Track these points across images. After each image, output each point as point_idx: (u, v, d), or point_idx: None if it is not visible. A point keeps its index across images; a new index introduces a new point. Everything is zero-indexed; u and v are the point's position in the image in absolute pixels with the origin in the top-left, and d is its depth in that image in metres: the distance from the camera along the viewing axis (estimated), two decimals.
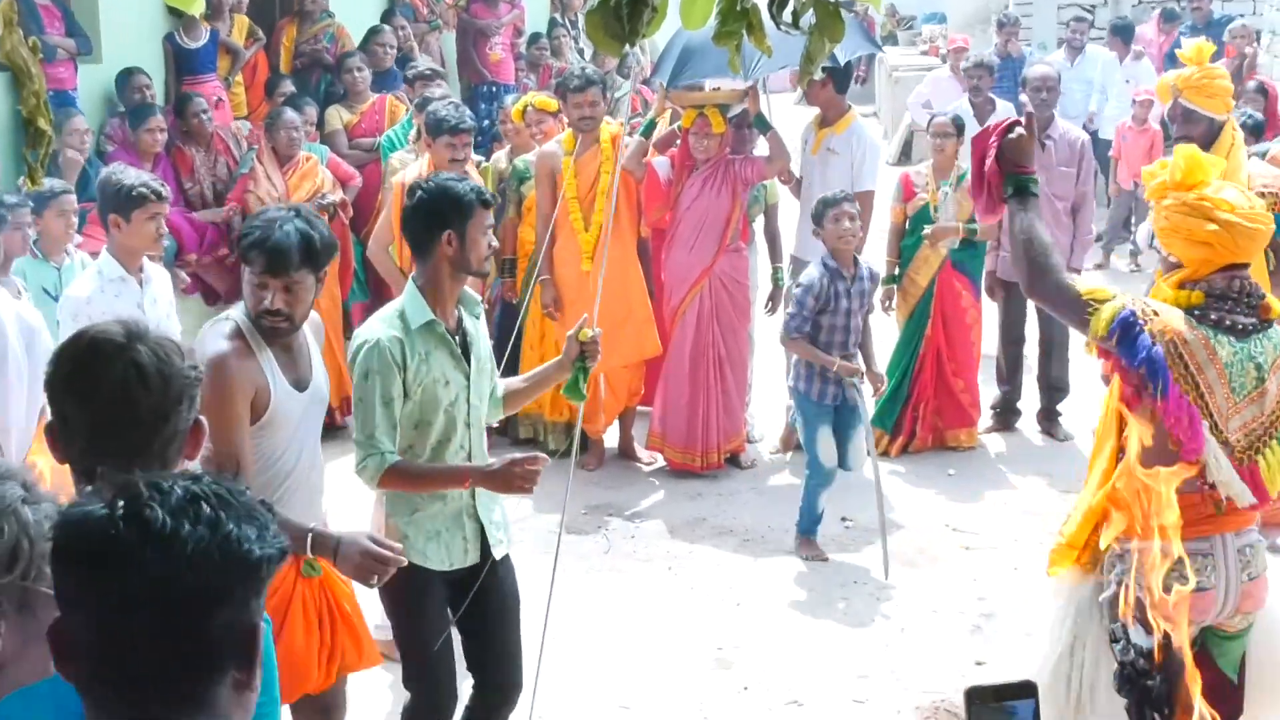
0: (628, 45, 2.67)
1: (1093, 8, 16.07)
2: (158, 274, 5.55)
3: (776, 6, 2.70)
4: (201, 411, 3.48)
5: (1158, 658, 2.05)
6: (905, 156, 15.33)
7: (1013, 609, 5.79)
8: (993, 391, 8.04)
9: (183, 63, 9.09)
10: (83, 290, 5.24)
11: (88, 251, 6.40)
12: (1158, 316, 3.42)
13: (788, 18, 2.72)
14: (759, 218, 7.70)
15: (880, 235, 7.92)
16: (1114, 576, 3.47)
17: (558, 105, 7.70)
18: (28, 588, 2.06)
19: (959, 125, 7.56)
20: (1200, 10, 13.42)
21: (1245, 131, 6.65)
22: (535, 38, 12.50)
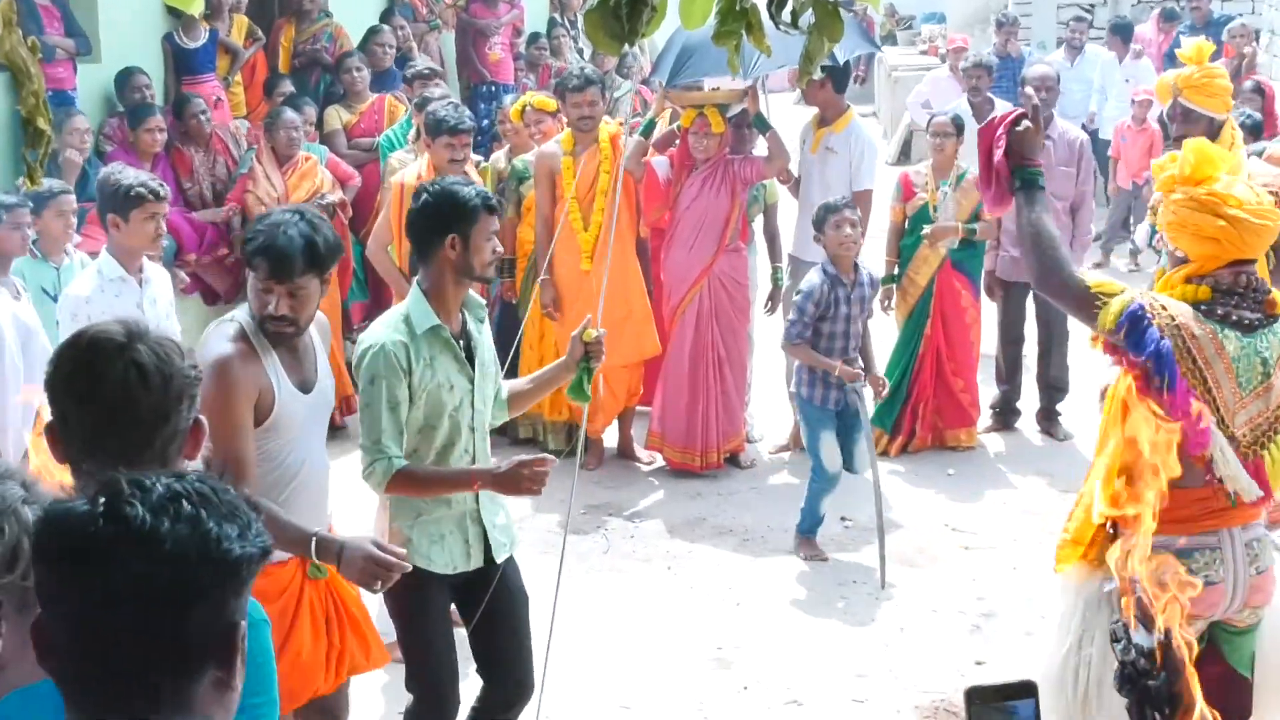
0: (627, 45, 2.67)
1: (1092, 7, 16.06)
2: (157, 274, 5.55)
3: (775, 6, 2.70)
4: (204, 414, 3.48)
5: (1159, 657, 2.05)
6: (904, 156, 15.32)
7: (1012, 608, 5.80)
8: (992, 391, 8.04)
9: (182, 63, 9.08)
10: (82, 290, 5.25)
11: (87, 251, 6.40)
12: (1166, 310, 3.41)
13: (787, 17, 2.72)
14: (758, 217, 7.70)
15: (879, 235, 7.92)
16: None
17: (556, 105, 7.69)
18: (28, 588, 2.05)
19: (958, 125, 7.56)
20: (1199, 10, 13.41)
21: (1244, 131, 6.65)
22: (534, 37, 12.49)
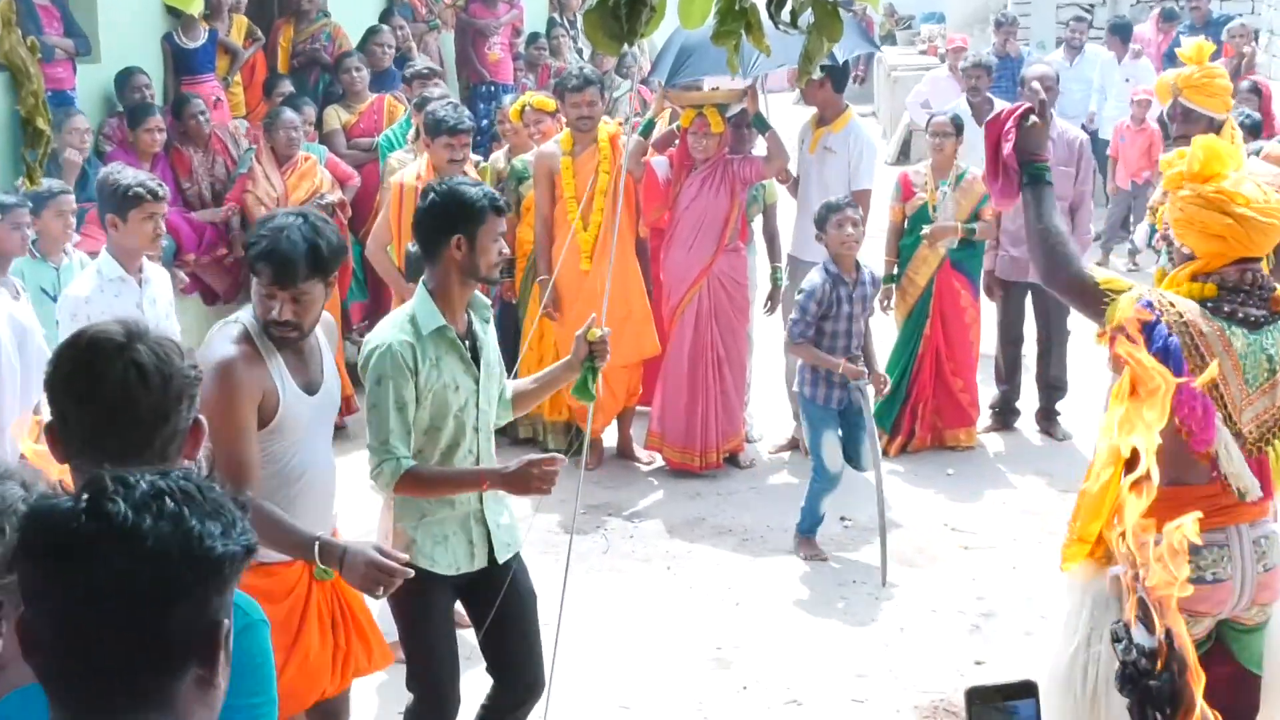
0: (626, 45, 2.67)
1: (1091, 7, 16.05)
2: (157, 274, 5.55)
3: (775, 6, 2.70)
4: (207, 416, 3.47)
5: (1160, 657, 2.04)
6: (904, 156, 15.32)
7: (1012, 608, 5.80)
8: (991, 391, 8.04)
9: (181, 63, 9.07)
10: (82, 290, 5.25)
11: (86, 251, 6.40)
12: (1174, 307, 3.41)
13: (786, 17, 2.72)
14: (757, 217, 7.70)
15: (879, 235, 7.92)
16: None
17: (556, 105, 7.70)
18: None
19: (958, 125, 7.56)
20: (1199, 10, 13.42)
21: (1243, 130, 6.64)
22: (534, 38, 12.49)
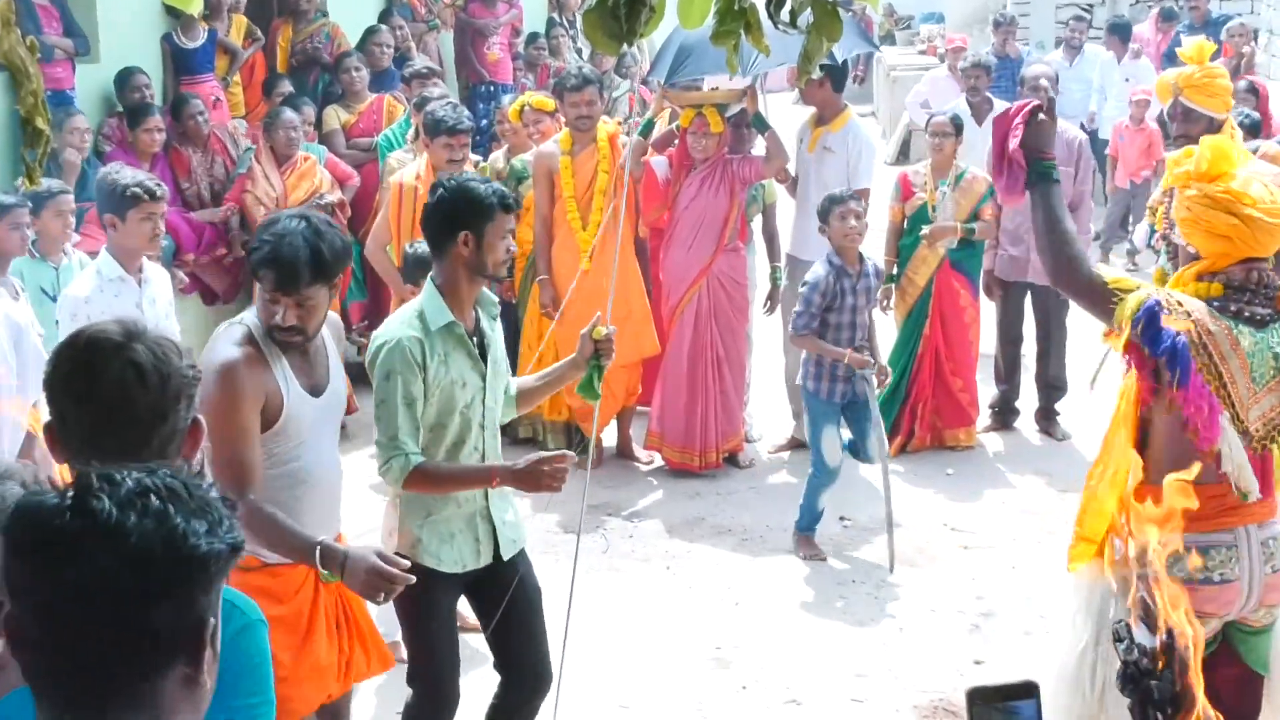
0: (625, 45, 2.67)
1: (1090, 7, 16.05)
2: (157, 274, 5.55)
3: (774, 6, 2.70)
4: (209, 419, 3.45)
5: (1161, 657, 2.04)
6: (903, 156, 15.32)
7: (1011, 608, 5.80)
8: (991, 391, 8.04)
9: (180, 63, 9.07)
10: (82, 290, 5.25)
11: (85, 251, 6.40)
12: (1181, 307, 3.42)
13: (785, 17, 2.72)
14: (757, 217, 7.70)
15: (878, 234, 7.92)
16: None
17: (555, 105, 7.69)
18: None
19: (957, 125, 7.56)
20: (1198, 9, 13.42)
21: (1242, 130, 6.64)
22: (533, 37, 12.49)
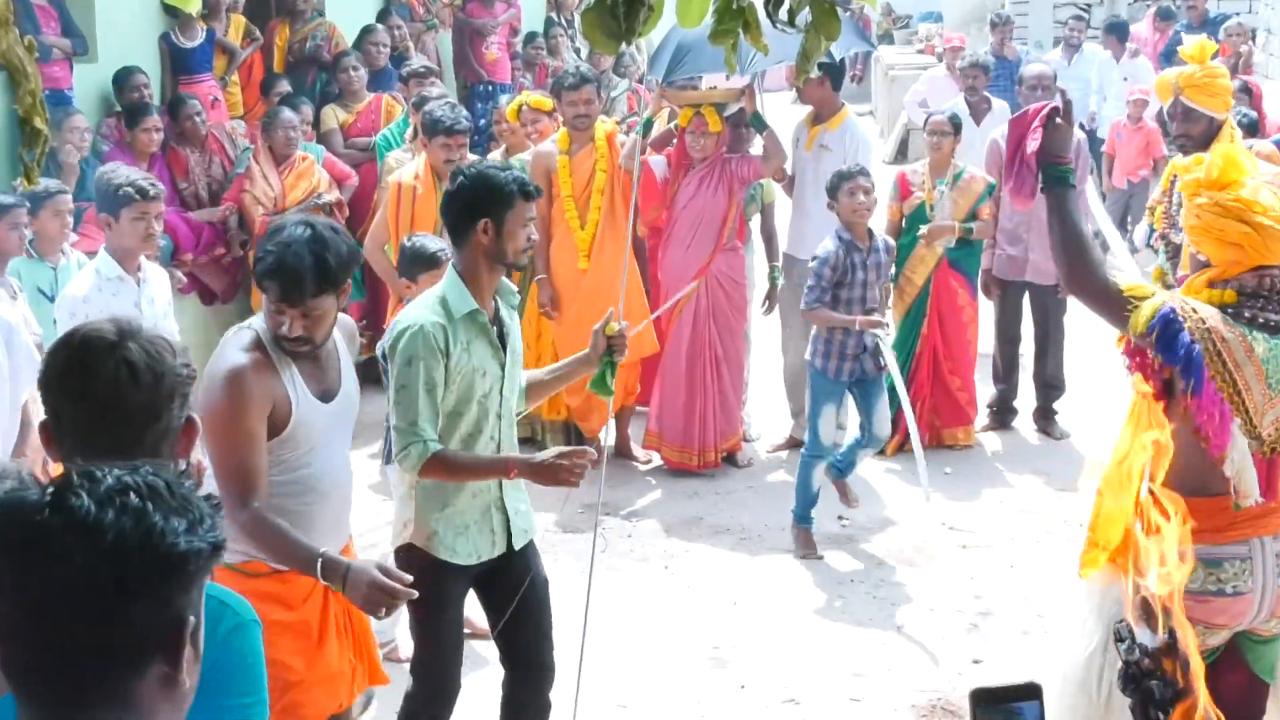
0: (624, 44, 2.67)
1: (1088, 6, 16.06)
2: (156, 274, 5.55)
3: (772, 4, 2.70)
4: (215, 425, 3.44)
5: (1163, 658, 2.04)
6: (902, 155, 15.32)
7: (1009, 607, 5.80)
8: (989, 390, 8.04)
9: (178, 62, 9.07)
10: (80, 289, 5.24)
11: (84, 251, 6.39)
12: (1196, 314, 3.40)
13: (784, 16, 2.72)
14: (755, 216, 7.70)
15: (878, 234, 7.90)
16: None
17: (553, 104, 7.69)
18: None
19: (956, 124, 7.57)
20: (1196, 9, 13.41)
21: (1240, 130, 6.64)
22: (531, 37, 12.49)
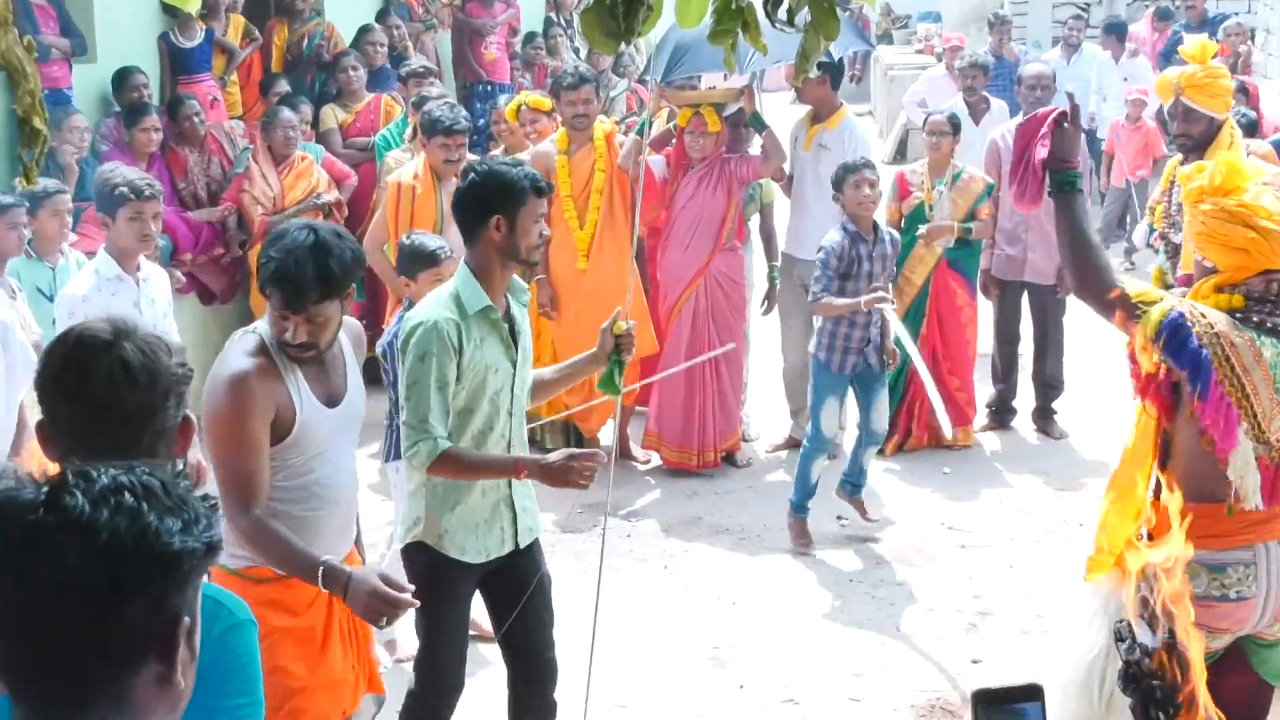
0: (623, 43, 2.67)
1: (1087, 6, 16.06)
2: (155, 273, 5.55)
3: (771, 4, 2.70)
4: (217, 430, 3.43)
5: (1164, 659, 2.05)
6: (900, 155, 15.32)
7: (1008, 607, 5.81)
8: (988, 390, 8.04)
9: (177, 62, 9.07)
10: (80, 289, 5.25)
11: (83, 251, 6.40)
12: (1205, 319, 3.40)
13: (783, 15, 2.72)
14: (754, 216, 7.70)
15: None
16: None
17: (551, 104, 7.69)
18: None
19: (954, 124, 7.57)
20: (1195, 8, 13.42)
21: (1240, 130, 6.64)
22: (530, 37, 12.49)
